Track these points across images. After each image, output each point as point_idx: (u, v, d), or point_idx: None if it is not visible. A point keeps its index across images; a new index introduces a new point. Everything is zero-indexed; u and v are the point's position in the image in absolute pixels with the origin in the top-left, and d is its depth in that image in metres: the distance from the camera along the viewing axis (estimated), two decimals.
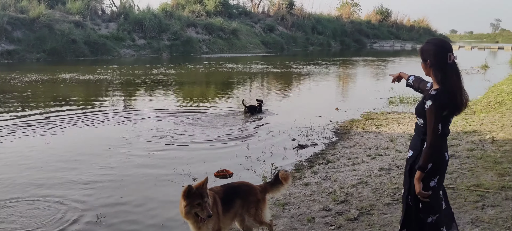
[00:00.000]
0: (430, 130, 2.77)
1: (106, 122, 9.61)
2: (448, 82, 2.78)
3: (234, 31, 37.20)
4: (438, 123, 2.76)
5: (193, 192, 3.36)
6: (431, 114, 2.76)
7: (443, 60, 2.80)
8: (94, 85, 15.49)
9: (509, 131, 7.16)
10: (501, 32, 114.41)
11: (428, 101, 2.79)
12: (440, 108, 2.76)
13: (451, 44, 2.96)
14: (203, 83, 17.73)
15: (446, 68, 2.79)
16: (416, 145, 2.98)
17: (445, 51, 2.81)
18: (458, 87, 2.79)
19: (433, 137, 2.76)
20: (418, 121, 2.97)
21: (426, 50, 2.90)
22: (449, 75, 2.78)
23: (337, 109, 11.50)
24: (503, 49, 47.30)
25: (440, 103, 2.75)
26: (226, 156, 7.12)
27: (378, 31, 57.59)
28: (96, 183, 5.80)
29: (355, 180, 5.58)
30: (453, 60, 2.81)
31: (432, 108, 2.76)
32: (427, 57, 2.88)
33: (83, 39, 26.80)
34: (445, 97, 2.76)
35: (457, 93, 2.78)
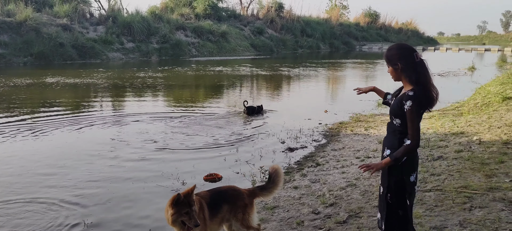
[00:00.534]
0: (414, 128, 2.92)
1: (93, 126, 9.52)
2: (422, 79, 2.94)
3: (224, 34, 37.14)
4: (419, 121, 2.95)
5: (181, 201, 3.30)
6: (412, 113, 2.91)
7: (412, 61, 2.96)
8: (82, 89, 15.35)
9: (496, 132, 7.22)
10: (488, 34, 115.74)
11: (408, 102, 2.92)
12: (420, 106, 2.93)
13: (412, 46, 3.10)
14: (192, 86, 17.67)
15: (417, 67, 2.95)
16: (393, 144, 3.08)
17: (411, 52, 2.98)
18: (429, 83, 2.96)
19: (416, 134, 2.92)
20: (395, 121, 3.07)
21: (393, 55, 3.04)
22: (422, 73, 2.94)
23: (326, 111, 11.52)
24: (490, 51, 47.84)
25: (419, 102, 2.91)
26: (215, 159, 7.09)
27: (367, 33, 57.92)
28: (82, 189, 5.74)
29: (344, 183, 5.59)
30: (420, 59, 2.97)
31: (412, 108, 2.90)
32: (396, 61, 3.01)
33: (71, 43, 26.55)
34: (422, 96, 2.92)
35: (431, 88, 2.95)
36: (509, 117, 8.19)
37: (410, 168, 3.04)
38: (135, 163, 6.95)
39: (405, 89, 3.06)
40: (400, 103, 2.98)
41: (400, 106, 2.98)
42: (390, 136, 3.14)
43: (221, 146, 7.97)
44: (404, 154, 2.95)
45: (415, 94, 2.92)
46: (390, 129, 3.15)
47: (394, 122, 3.08)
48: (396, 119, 3.05)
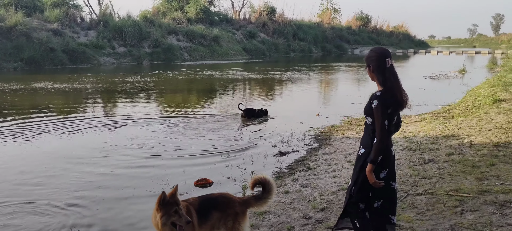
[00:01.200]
0: (378, 126, 3.14)
1: (83, 131, 9.40)
2: (388, 83, 3.17)
3: (216, 38, 37.09)
4: (384, 119, 3.13)
5: (168, 200, 3.24)
6: (378, 112, 3.13)
7: (382, 65, 3.20)
8: (72, 94, 15.20)
9: (486, 135, 7.23)
10: (478, 37, 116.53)
11: (374, 101, 3.16)
12: (385, 106, 3.13)
13: (390, 52, 3.31)
14: (184, 90, 17.58)
15: (385, 71, 3.19)
16: (367, 142, 3.31)
17: (384, 57, 3.21)
18: (396, 87, 3.17)
19: (381, 132, 3.13)
20: (367, 120, 3.31)
21: (369, 57, 3.32)
22: (388, 77, 3.17)
23: (318, 115, 11.50)
24: (480, 54, 48.24)
25: (384, 102, 3.13)
26: (206, 165, 7.02)
27: (359, 37, 58.14)
28: (70, 194, 5.65)
29: (336, 187, 5.55)
30: (390, 64, 3.20)
31: (378, 106, 3.14)
32: (370, 63, 3.29)
33: (62, 48, 26.38)
34: (388, 96, 3.15)
35: (396, 92, 3.16)
36: (499, 119, 8.21)
37: (380, 165, 3.22)
38: (125, 168, 6.86)
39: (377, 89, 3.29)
40: (370, 102, 3.22)
41: (369, 106, 3.21)
42: (365, 135, 3.36)
43: (212, 151, 7.90)
44: (376, 153, 3.16)
45: (381, 95, 3.16)
46: (365, 128, 3.37)
47: (367, 120, 3.31)
48: (368, 118, 3.29)
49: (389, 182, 3.30)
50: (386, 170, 3.27)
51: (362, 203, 3.34)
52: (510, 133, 7.06)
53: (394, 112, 3.22)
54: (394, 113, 3.22)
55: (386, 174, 3.27)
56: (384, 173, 3.26)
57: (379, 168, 3.24)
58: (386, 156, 3.25)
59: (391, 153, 3.32)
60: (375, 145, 3.16)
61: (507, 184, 4.83)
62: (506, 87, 11.77)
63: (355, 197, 3.35)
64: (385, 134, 3.14)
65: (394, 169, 3.35)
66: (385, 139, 3.15)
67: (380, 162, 3.20)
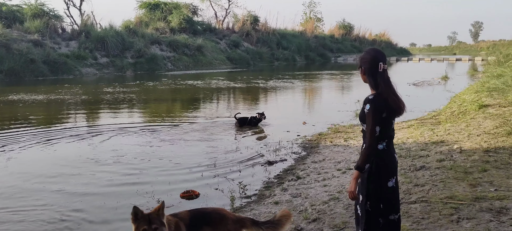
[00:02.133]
0: (369, 131, 2.98)
1: (65, 142, 9.10)
2: (379, 87, 3.04)
3: (199, 47, 36.88)
4: (375, 124, 2.97)
5: (140, 216, 3.05)
6: (369, 116, 2.98)
7: (374, 69, 3.07)
8: (53, 105, 14.81)
9: (475, 140, 7.18)
10: (458, 44, 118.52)
11: (366, 105, 3.03)
12: (378, 110, 2.98)
13: (385, 55, 3.18)
14: (168, 100, 17.32)
15: (377, 75, 3.06)
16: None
17: (377, 61, 3.07)
18: (388, 93, 3.02)
19: (371, 138, 2.97)
20: (363, 127, 3.14)
21: (363, 58, 3.17)
22: (379, 82, 3.04)
23: (305, 123, 11.39)
24: (461, 61, 48.95)
25: (376, 106, 2.98)
26: (192, 175, 6.82)
27: (342, 45, 58.58)
28: (51, 207, 5.40)
29: (327, 196, 5.40)
30: (383, 69, 3.06)
31: (370, 111, 2.99)
32: (363, 64, 3.15)
33: (43, 59, 25.84)
34: (381, 100, 3.00)
35: (387, 97, 3.01)
36: (487, 125, 8.20)
37: (388, 173, 3.06)
38: (108, 180, 6.62)
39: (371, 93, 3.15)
40: (363, 107, 3.10)
41: (363, 111, 3.08)
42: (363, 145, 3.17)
43: (199, 161, 7.69)
44: (364, 160, 2.98)
45: (374, 99, 3.02)
46: (363, 136, 3.18)
47: (363, 127, 3.14)
48: (363, 124, 3.12)
49: (396, 190, 3.14)
50: (394, 177, 3.10)
51: (381, 217, 3.10)
52: (499, 138, 7.03)
53: (390, 117, 3.05)
54: (390, 118, 3.06)
55: (395, 182, 3.11)
56: (392, 181, 3.08)
57: (387, 176, 3.06)
58: (392, 164, 3.10)
59: (395, 159, 3.14)
60: (363, 150, 3.01)
61: (501, 190, 4.74)
62: (491, 93, 11.82)
63: (373, 212, 3.09)
64: (374, 139, 2.97)
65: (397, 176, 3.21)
66: (374, 144, 2.98)
67: (387, 169, 3.06)
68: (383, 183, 3.05)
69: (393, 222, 3.12)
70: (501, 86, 11.81)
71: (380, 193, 3.05)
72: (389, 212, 3.10)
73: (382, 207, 3.07)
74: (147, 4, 41.81)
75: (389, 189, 3.06)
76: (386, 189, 3.05)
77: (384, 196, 3.06)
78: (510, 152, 6.23)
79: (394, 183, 3.09)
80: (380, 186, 3.04)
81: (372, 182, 3.03)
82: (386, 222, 3.10)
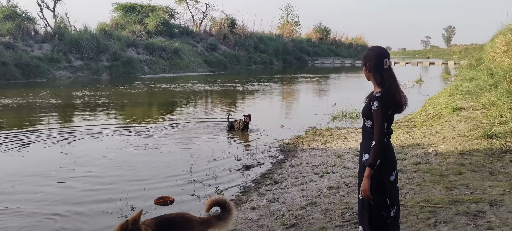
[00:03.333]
0: (377, 128, 3.03)
1: (35, 146, 8.81)
2: (386, 84, 3.08)
3: (176, 50, 36.53)
4: (384, 121, 3.03)
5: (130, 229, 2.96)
6: (378, 114, 3.02)
7: (380, 65, 3.12)
8: (25, 109, 14.37)
9: (450, 143, 7.25)
10: (431, 48, 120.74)
11: (374, 102, 3.05)
12: (386, 108, 3.04)
13: (388, 52, 3.22)
14: (144, 103, 17.03)
15: (383, 72, 3.11)
16: (368, 147, 3.16)
17: (382, 58, 3.12)
18: (394, 88, 3.08)
19: (380, 135, 3.02)
20: (367, 123, 3.19)
21: (367, 56, 3.21)
22: (386, 78, 3.09)
23: (282, 126, 11.34)
24: (434, 64, 49.88)
25: (385, 103, 3.03)
26: (167, 181, 6.66)
27: (319, 48, 58.89)
28: (17, 214, 5.17)
29: (304, 201, 5.34)
30: (388, 66, 3.12)
31: (378, 108, 3.03)
32: (367, 62, 3.18)
33: (14, 62, 25.11)
34: (388, 97, 3.05)
35: (395, 93, 3.07)
36: (461, 127, 8.30)
37: (390, 168, 3.15)
38: (79, 185, 6.42)
39: (375, 91, 3.18)
40: (369, 104, 3.13)
41: (369, 107, 3.12)
42: (365, 140, 3.23)
43: (174, 165, 7.54)
44: (375, 156, 3.04)
45: (382, 96, 3.06)
46: (364, 132, 3.26)
47: (366, 123, 3.20)
48: (367, 121, 3.18)
49: (396, 184, 3.23)
50: (395, 171, 3.20)
51: (385, 211, 3.17)
52: (473, 140, 7.11)
53: (393, 113, 3.14)
54: (393, 114, 3.15)
55: (395, 177, 3.21)
56: (393, 175, 3.19)
57: (389, 171, 3.16)
58: (392, 158, 3.20)
59: (395, 154, 3.27)
60: (374, 147, 3.05)
61: (476, 193, 4.76)
62: (464, 96, 12.02)
63: (376, 207, 3.17)
64: (384, 136, 3.05)
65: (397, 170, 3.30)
66: (383, 140, 3.05)
67: (390, 164, 3.15)
68: (385, 178, 3.13)
69: (393, 217, 3.18)
70: (474, 90, 12.01)
71: (383, 188, 3.12)
72: (392, 206, 3.17)
73: (388, 202, 3.15)
74: (123, 7, 41.25)
75: (391, 183, 3.16)
76: (389, 183, 3.14)
77: (388, 190, 3.14)
78: (484, 154, 6.30)
79: (395, 177, 3.19)
80: (383, 180, 3.12)
81: (375, 178, 3.09)
82: (389, 217, 3.17)
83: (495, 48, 16.49)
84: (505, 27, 17.06)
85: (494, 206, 4.35)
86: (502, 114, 8.08)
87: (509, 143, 6.62)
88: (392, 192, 3.18)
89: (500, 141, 6.74)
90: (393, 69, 3.17)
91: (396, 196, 3.25)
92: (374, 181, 3.10)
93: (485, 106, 9.45)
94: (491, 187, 4.93)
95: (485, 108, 9.30)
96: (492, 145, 6.69)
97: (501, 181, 5.11)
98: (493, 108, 8.85)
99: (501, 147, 6.52)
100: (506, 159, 5.98)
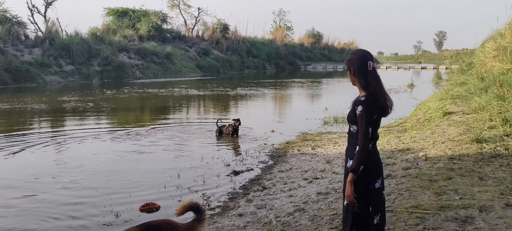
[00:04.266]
0: (362, 133, 2.97)
1: (20, 152, 8.65)
2: (370, 86, 3.03)
3: (168, 55, 36.40)
4: (369, 126, 2.97)
5: None
6: (362, 118, 2.97)
7: (364, 68, 3.07)
8: (14, 114, 14.18)
9: (440, 148, 7.20)
10: (423, 53, 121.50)
11: (359, 107, 2.99)
12: (370, 112, 2.97)
13: (371, 55, 3.20)
14: (134, 108, 16.87)
15: (367, 74, 3.06)
16: (353, 153, 3.09)
17: (366, 60, 3.08)
18: (379, 91, 3.04)
19: (364, 140, 2.97)
20: (352, 128, 3.13)
21: (350, 60, 3.17)
22: (370, 81, 3.04)
23: (273, 131, 11.26)
24: (426, 69, 50.15)
25: (369, 107, 2.97)
26: (154, 187, 6.55)
27: (311, 53, 59.04)
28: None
29: (292, 207, 5.25)
30: (372, 68, 3.08)
31: (363, 113, 2.97)
32: (351, 66, 3.14)
33: (4, 66, 24.87)
34: (373, 101, 2.99)
35: (380, 96, 3.02)
36: (451, 132, 8.26)
37: (375, 174, 3.08)
38: (63, 191, 6.30)
39: (360, 95, 3.11)
40: (354, 108, 3.07)
41: (354, 112, 3.06)
42: (350, 146, 3.16)
43: (161, 171, 7.42)
44: (358, 161, 2.99)
45: (367, 100, 3.00)
46: (350, 137, 3.19)
47: (352, 128, 3.14)
48: (353, 126, 3.12)
49: (382, 192, 3.15)
50: (380, 178, 3.12)
51: (369, 218, 3.11)
52: (463, 145, 7.06)
53: (379, 118, 3.08)
54: (379, 119, 3.09)
55: (381, 183, 3.13)
56: (379, 182, 3.11)
57: (375, 177, 3.08)
58: (378, 164, 3.15)
59: (381, 160, 3.21)
60: (358, 153, 2.99)
61: (466, 198, 4.70)
62: (454, 100, 12.00)
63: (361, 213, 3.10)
64: (368, 142, 2.99)
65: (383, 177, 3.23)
66: (368, 146, 3.00)
67: (375, 170, 3.08)
68: (370, 184, 3.06)
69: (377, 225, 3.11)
70: (465, 94, 12.01)
71: (368, 194, 3.07)
72: (375, 214, 3.10)
73: (370, 209, 3.09)
74: (115, 12, 41.07)
75: (376, 190, 3.09)
76: (374, 190, 3.08)
77: (372, 197, 3.08)
78: (474, 159, 6.25)
79: (380, 184, 3.12)
80: (367, 187, 3.06)
81: (361, 184, 3.04)
82: (372, 224, 3.11)
83: (485, 53, 16.55)
84: (495, 33, 17.10)
85: (483, 211, 4.29)
86: (492, 118, 8.05)
87: (498, 148, 6.59)
88: (377, 199, 3.10)
89: (490, 145, 6.70)
90: (377, 71, 3.13)
91: (381, 203, 3.16)
92: (359, 187, 3.04)
93: (475, 111, 9.42)
94: (480, 192, 4.87)
95: (475, 113, 9.28)
96: (482, 149, 6.64)
97: (490, 186, 5.05)
98: (483, 112, 8.83)
99: (491, 152, 6.48)
100: (496, 164, 5.94)
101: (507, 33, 14.57)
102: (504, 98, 8.89)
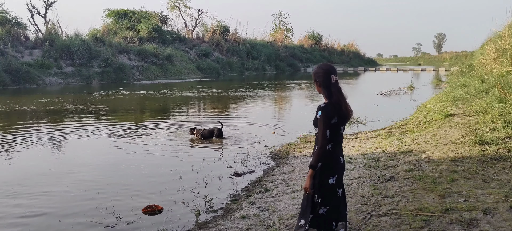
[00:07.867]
0: (320, 134, 3.39)
1: (22, 153, 8.63)
2: (333, 97, 3.44)
3: (169, 57, 36.43)
4: (326, 129, 3.38)
5: None
6: (321, 122, 3.39)
7: (328, 81, 3.47)
8: (13, 116, 14.16)
9: (443, 150, 7.19)
10: (422, 55, 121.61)
11: (318, 112, 3.42)
12: (328, 116, 3.38)
13: (335, 69, 3.56)
14: (134, 110, 16.86)
15: (330, 86, 3.46)
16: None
17: (329, 74, 3.47)
18: (340, 101, 3.42)
19: (322, 140, 3.38)
20: (315, 131, 3.53)
21: (316, 73, 3.56)
22: (333, 92, 3.44)
23: (274, 133, 11.25)
24: (425, 71, 50.15)
25: (327, 113, 3.39)
26: (156, 189, 6.53)
27: (311, 55, 59.09)
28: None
29: (295, 210, 5.23)
30: (335, 81, 3.46)
31: (321, 117, 3.40)
32: (317, 78, 3.54)
33: (4, 68, 24.89)
34: (331, 108, 3.40)
35: (341, 105, 3.42)
36: (453, 134, 8.25)
37: (328, 171, 3.46)
38: (64, 193, 6.27)
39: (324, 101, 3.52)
40: (315, 114, 3.47)
41: (316, 117, 3.46)
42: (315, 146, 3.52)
43: (163, 173, 7.41)
44: (316, 159, 3.41)
45: (325, 106, 3.42)
46: (316, 139, 3.55)
47: (315, 131, 3.54)
48: (316, 129, 3.50)
49: (336, 189, 3.52)
50: (335, 176, 3.50)
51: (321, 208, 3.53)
52: (466, 147, 7.05)
53: (339, 123, 3.45)
54: (340, 124, 3.46)
55: (335, 180, 3.50)
56: (333, 179, 3.49)
57: (329, 174, 3.47)
58: (335, 163, 3.50)
59: (340, 161, 3.54)
60: (316, 151, 3.41)
61: (470, 200, 4.69)
62: (455, 102, 11.99)
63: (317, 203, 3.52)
64: (325, 142, 3.38)
65: (342, 176, 3.59)
66: (325, 146, 3.39)
67: (329, 168, 3.46)
68: (324, 179, 3.45)
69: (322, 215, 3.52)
70: (465, 96, 12.00)
71: (321, 187, 3.47)
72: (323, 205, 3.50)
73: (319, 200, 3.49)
74: (115, 13, 41.11)
75: (329, 186, 3.48)
76: (327, 185, 3.47)
77: (323, 190, 3.47)
78: (477, 161, 6.24)
79: (334, 181, 3.48)
80: (322, 181, 3.46)
81: (317, 178, 3.46)
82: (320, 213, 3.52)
83: (485, 55, 16.53)
84: (494, 35, 17.11)
85: (488, 214, 4.28)
86: (494, 120, 8.04)
87: (501, 150, 6.58)
88: (327, 194, 3.49)
89: (492, 147, 6.69)
90: (339, 83, 3.50)
91: (331, 198, 3.52)
92: (316, 181, 3.46)
93: (477, 113, 9.41)
94: (484, 194, 4.86)
95: (477, 115, 9.27)
96: (485, 151, 6.63)
97: (494, 188, 5.04)
98: (484, 114, 8.82)
99: (494, 154, 6.47)
100: (499, 166, 5.93)
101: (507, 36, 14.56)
102: (506, 100, 8.87)
